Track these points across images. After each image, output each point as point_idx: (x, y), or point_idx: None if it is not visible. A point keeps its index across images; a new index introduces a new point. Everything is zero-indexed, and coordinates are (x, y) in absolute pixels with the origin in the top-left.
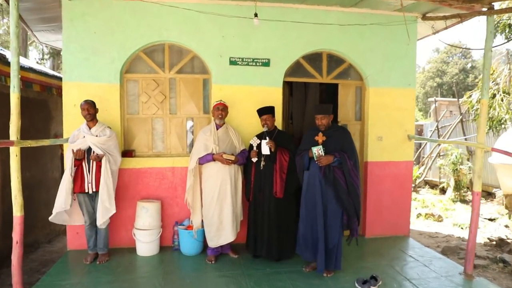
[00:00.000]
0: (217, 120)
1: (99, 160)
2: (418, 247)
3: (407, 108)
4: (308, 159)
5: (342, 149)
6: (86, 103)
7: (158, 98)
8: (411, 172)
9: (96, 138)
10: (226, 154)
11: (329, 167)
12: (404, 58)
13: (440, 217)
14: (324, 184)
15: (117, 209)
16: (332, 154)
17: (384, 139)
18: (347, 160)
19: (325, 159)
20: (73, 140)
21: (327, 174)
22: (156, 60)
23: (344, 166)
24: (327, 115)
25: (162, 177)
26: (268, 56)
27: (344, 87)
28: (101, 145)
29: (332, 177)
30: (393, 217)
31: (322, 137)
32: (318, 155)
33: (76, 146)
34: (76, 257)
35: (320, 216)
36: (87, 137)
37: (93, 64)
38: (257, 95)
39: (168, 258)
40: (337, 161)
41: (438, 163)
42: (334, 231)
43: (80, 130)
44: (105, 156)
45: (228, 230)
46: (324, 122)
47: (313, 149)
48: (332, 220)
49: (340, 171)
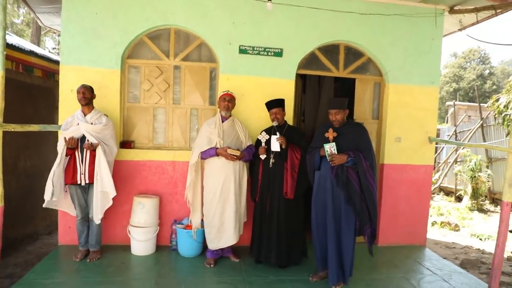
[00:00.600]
0: (223, 111)
1: (93, 149)
2: (436, 259)
3: (429, 108)
4: (319, 157)
5: (358, 148)
6: (83, 86)
7: (161, 86)
8: (430, 177)
9: (91, 126)
10: (231, 149)
11: (342, 167)
12: (428, 53)
13: (456, 226)
14: (335, 185)
15: (113, 204)
16: (346, 153)
17: (403, 141)
18: (363, 160)
19: (338, 158)
20: (66, 127)
21: (339, 175)
22: (160, 45)
23: (359, 167)
24: (341, 110)
25: (162, 172)
26: (280, 46)
27: (362, 83)
28: (96, 133)
29: (345, 179)
30: (409, 225)
31: (333, 133)
32: (330, 153)
33: (69, 134)
34: (67, 253)
35: (331, 221)
36: (81, 124)
37: (93, 47)
38: (267, 87)
39: (164, 259)
40: (351, 161)
41: (455, 169)
42: (347, 239)
43: (74, 116)
44: (99, 145)
45: (229, 232)
46: (338, 117)
47: (325, 146)
48: (345, 226)
49: (354, 172)
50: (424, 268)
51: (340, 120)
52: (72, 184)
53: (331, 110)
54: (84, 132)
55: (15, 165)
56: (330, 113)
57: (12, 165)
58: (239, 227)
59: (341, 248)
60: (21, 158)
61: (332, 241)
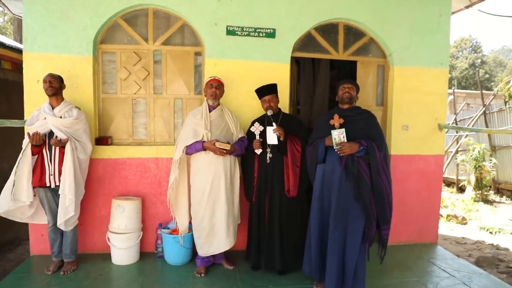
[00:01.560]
0: (210, 100)
1: (62, 146)
2: (450, 258)
3: (439, 92)
4: (323, 148)
5: (369, 138)
6: (49, 75)
7: (140, 74)
8: (441, 168)
9: (59, 119)
10: (219, 142)
11: (352, 158)
12: (436, 32)
13: (464, 219)
14: (344, 180)
15: (90, 207)
16: (357, 141)
17: (411, 129)
18: (376, 150)
19: (349, 147)
20: (32, 122)
21: (349, 166)
22: (137, 28)
23: (371, 159)
24: (354, 87)
25: (144, 170)
26: (273, 26)
27: (364, 66)
28: (65, 128)
29: (356, 171)
30: (419, 221)
31: (339, 119)
32: (339, 141)
33: (34, 129)
34: (39, 265)
35: (333, 223)
36: (48, 118)
37: (61, 31)
38: (259, 72)
39: (149, 268)
40: (363, 150)
41: (458, 159)
42: (355, 243)
43: (41, 110)
44: (69, 141)
45: (221, 236)
46: (351, 92)
47: (333, 132)
48: (352, 228)
49: (365, 164)
50: (439, 270)
51: (353, 96)
52: (40, 186)
53: (345, 84)
54: (52, 127)
55: None
56: (343, 87)
57: None
58: (233, 230)
59: (347, 255)
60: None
61: (333, 249)
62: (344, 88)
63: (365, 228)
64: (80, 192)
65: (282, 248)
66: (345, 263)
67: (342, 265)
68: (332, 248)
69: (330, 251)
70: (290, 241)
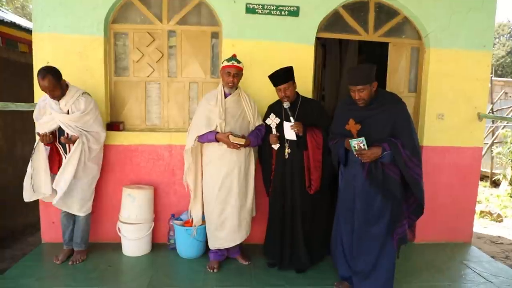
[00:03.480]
0: (227, 88)
1: (73, 143)
2: (486, 260)
3: (480, 78)
4: (344, 151)
5: (394, 131)
6: (43, 78)
7: (153, 56)
8: (479, 162)
9: (66, 116)
10: (233, 136)
11: (375, 163)
12: (480, 10)
13: (499, 216)
14: (368, 186)
15: (101, 195)
16: (379, 145)
17: (446, 118)
18: (401, 151)
19: (370, 155)
20: (39, 115)
21: (372, 172)
22: (151, 7)
23: (397, 161)
24: (367, 85)
25: (157, 157)
26: (297, 3)
27: (396, 48)
28: (74, 123)
29: (381, 175)
30: (451, 218)
31: (356, 125)
32: (359, 149)
33: (42, 127)
34: (49, 253)
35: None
36: (54, 115)
37: (71, 10)
38: (281, 54)
39: (160, 260)
40: (387, 156)
41: (494, 152)
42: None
43: (46, 100)
44: (80, 137)
45: (231, 230)
46: (363, 95)
47: (352, 142)
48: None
49: (393, 165)
50: (474, 274)
51: (367, 98)
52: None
53: (353, 87)
54: (60, 124)
55: (11, 152)
56: (352, 90)
57: (8, 152)
58: (246, 224)
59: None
60: (18, 144)
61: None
62: (354, 93)
63: (394, 227)
64: (94, 180)
65: (306, 246)
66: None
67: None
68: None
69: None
70: (314, 239)
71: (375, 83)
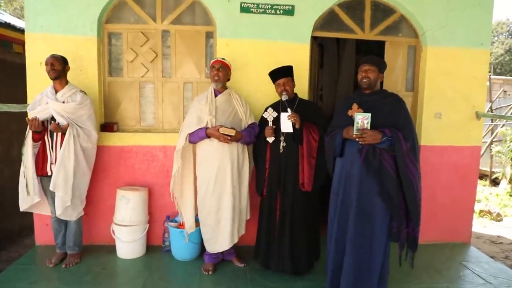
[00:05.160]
0: (213, 83)
1: (63, 132)
2: (486, 261)
3: (478, 77)
4: (340, 140)
5: (394, 126)
6: (51, 56)
7: (147, 56)
8: (477, 161)
9: (61, 104)
10: (223, 128)
11: (373, 150)
12: (477, 7)
13: (498, 215)
14: (365, 174)
15: (95, 197)
16: (381, 131)
17: (444, 117)
18: (402, 141)
19: (371, 135)
20: (34, 106)
21: (370, 159)
22: (145, 6)
23: (397, 151)
24: (375, 67)
25: (151, 158)
26: (292, 2)
27: (393, 46)
28: (67, 113)
29: (378, 164)
30: (450, 218)
31: (358, 109)
32: (361, 126)
33: (34, 114)
34: (43, 255)
35: (353, 223)
36: (50, 103)
37: (63, 9)
38: (276, 54)
39: (154, 263)
40: (386, 142)
41: (493, 150)
42: (379, 244)
43: (43, 94)
44: (70, 127)
45: (226, 233)
46: (370, 74)
47: (357, 116)
48: (375, 228)
49: (390, 157)
50: (473, 275)
51: (372, 81)
52: (42, 175)
53: (363, 66)
54: (53, 112)
55: (7, 153)
56: (361, 69)
57: (4, 153)
58: (238, 226)
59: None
60: (14, 145)
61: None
62: (362, 71)
63: (393, 229)
64: (84, 182)
65: (293, 249)
66: (367, 266)
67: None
68: (351, 249)
69: (348, 252)
70: (302, 241)
71: (381, 75)
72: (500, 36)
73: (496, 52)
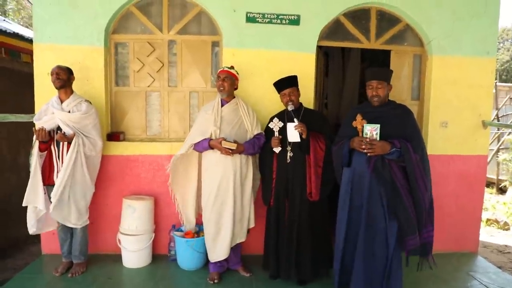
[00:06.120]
0: (219, 93)
1: (69, 141)
2: (493, 271)
3: (483, 85)
4: (348, 150)
5: (404, 137)
6: (57, 67)
7: (154, 66)
8: (484, 170)
9: (67, 114)
10: (225, 141)
11: (382, 160)
12: (483, 16)
13: (506, 224)
14: (375, 184)
15: (101, 206)
16: (390, 142)
17: (450, 126)
18: (412, 152)
19: (380, 146)
20: (40, 116)
21: (379, 169)
22: (152, 16)
23: (407, 163)
24: (384, 83)
25: (157, 168)
26: (297, 12)
27: (398, 56)
28: (72, 123)
29: (388, 174)
30: (457, 228)
31: (362, 121)
32: (371, 137)
33: (41, 125)
34: (49, 264)
35: (363, 232)
36: (56, 113)
37: (71, 20)
38: (282, 63)
39: (160, 272)
40: (395, 153)
41: (499, 158)
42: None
43: (49, 104)
44: (76, 137)
45: (225, 243)
46: (380, 92)
47: (366, 127)
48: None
49: (399, 168)
50: (481, 286)
51: (382, 97)
52: (49, 185)
53: (372, 82)
54: (59, 122)
55: (14, 161)
56: (370, 85)
57: (11, 161)
58: (238, 236)
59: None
60: (22, 153)
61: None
62: (372, 89)
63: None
64: (88, 191)
65: (302, 257)
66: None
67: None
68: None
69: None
70: (311, 249)
71: (390, 86)
72: (506, 43)
73: (502, 58)
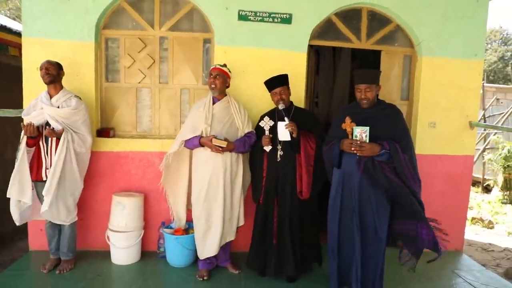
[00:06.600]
0: (210, 91)
1: (57, 137)
2: (478, 269)
3: (471, 87)
4: (338, 152)
5: (393, 138)
6: (46, 61)
7: (145, 62)
8: (470, 171)
9: (56, 109)
10: (215, 139)
11: (372, 161)
12: (472, 18)
13: (490, 223)
14: (366, 185)
15: (90, 203)
16: (379, 143)
17: (438, 126)
18: (400, 153)
19: (369, 148)
20: (29, 112)
21: (370, 170)
22: (143, 12)
23: (396, 163)
24: (373, 85)
25: (148, 164)
26: (289, 10)
27: (389, 56)
28: (62, 119)
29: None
30: (443, 226)
31: (351, 124)
32: (360, 139)
33: (29, 120)
34: (37, 261)
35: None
36: (44, 108)
37: (61, 15)
38: (273, 62)
39: (149, 269)
40: (385, 154)
41: (485, 158)
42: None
43: (38, 99)
44: (65, 132)
45: (214, 240)
46: (369, 95)
47: (355, 130)
48: (374, 234)
49: (389, 168)
50: (465, 283)
51: (371, 99)
52: (37, 180)
53: (360, 85)
54: (48, 117)
55: (1, 156)
56: (359, 89)
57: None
58: (228, 233)
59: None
60: (9, 148)
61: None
62: (360, 92)
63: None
64: (77, 187)
65: (291, 255)
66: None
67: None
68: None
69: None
70: (302, 248)
71: (379, 87)
72: (493, 44)
73: (489, 59)
